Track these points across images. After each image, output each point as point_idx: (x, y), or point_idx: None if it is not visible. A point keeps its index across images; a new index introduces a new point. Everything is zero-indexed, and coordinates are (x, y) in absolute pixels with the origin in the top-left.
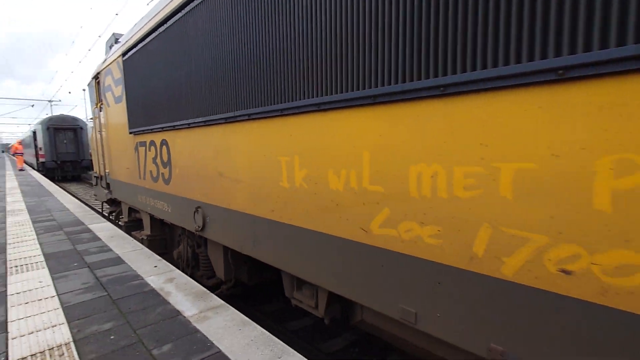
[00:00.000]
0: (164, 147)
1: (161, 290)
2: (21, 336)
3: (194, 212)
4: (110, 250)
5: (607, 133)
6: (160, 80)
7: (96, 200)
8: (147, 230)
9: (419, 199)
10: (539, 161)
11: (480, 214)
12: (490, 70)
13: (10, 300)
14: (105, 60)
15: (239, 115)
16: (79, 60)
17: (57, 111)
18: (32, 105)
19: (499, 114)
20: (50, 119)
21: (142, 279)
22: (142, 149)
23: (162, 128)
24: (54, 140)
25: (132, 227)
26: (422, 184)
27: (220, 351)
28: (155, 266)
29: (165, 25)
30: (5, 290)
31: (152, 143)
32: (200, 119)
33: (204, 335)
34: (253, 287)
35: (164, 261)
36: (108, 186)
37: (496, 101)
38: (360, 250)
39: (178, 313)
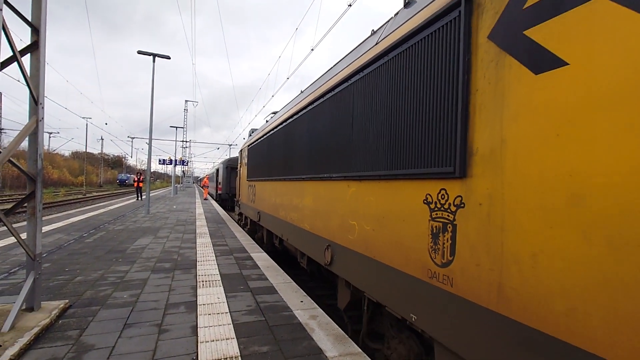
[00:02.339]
0: (255, 187)
1: (306, 326)
2: (206, 342)
3: (258, 213)
4: (267, 279)
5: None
6: (253, 160)
7: (235, 213)
8: (248, 226)
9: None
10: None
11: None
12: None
13: (199, 309)
14: (245, 143)
15: (265, 179)
16: (255, 115)
17: (234, 153)
18: (218, 148)
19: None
20: (229, 159)
21: (291, 311)
22: (250, 187)
23: (254, 179)
24: (229, 176)
25: (244, 225)
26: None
27: None
28: (302, 301)
29: (254, 144)
30: (196, 300)
31: (252, 185)
32: (258, 177)
33: None
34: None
35: (308, 297)
36: (239, 205)
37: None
38: (286, 224)
39: (320, 351)
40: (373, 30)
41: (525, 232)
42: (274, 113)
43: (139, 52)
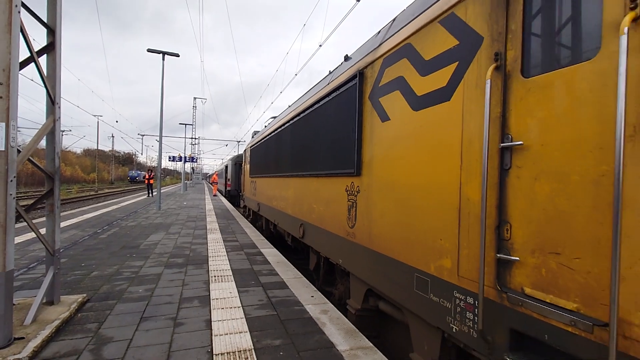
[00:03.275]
0: (256, 182)
1: (317, 320)
2: (220, 335)
3: (258, 204)
4: (277, 274)
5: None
6: (254, 159)
7: (240, 206)
8: (251, 216)
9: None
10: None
11: (292, 202)
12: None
13: (212, 303)
14: (247, 144)
15: (262, 176)
16: (263, 111)
17: (242, 150)
18: (226, 145)
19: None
20: (238, 156)
21: (302, 305)
22: (252, 183)
23: (255, 176)
24: (238, 173)
25: (247, 216)
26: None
27: None
28: (312, 296)
29: (254, 146)
30: (209, 295)
31: (253, 181)
32: (258, 174)
33: None
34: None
35: (319, 292)
36: (244, 199)
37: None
38: (277, 212)
39: (332, 345)
40: (330, 71)
41: (377, 204)
42: (273, 118)
43: (149, 50)
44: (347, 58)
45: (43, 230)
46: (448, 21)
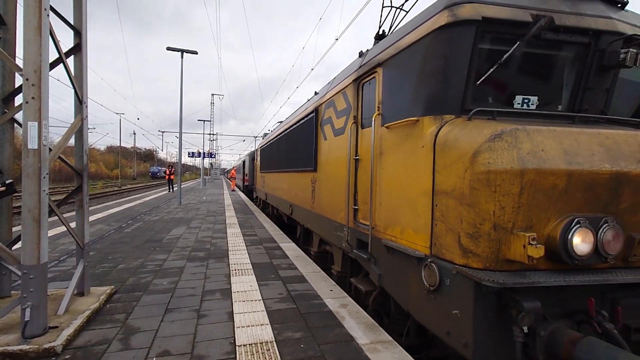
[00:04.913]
0: (265, 177)
1: (337, 314)
2: (242, 327)
3: (265, 194)
4: (296, 268)
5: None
6: (263, 158)
7: (254, 198)
8: (261, 205)
9: (285, 188)
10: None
11: (283, 192)
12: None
13: (233, 296)
14: (258, 145)
15: (268, 171)
16: (280, 106)
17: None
18: (244, 140)
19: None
20: (255, 151)
21: (321, 299)
22: (261, 177)
23: (264, 171)
24: (254, 169)
25: (259, 205)
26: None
27: None
28: (331, 290)
29: (263, 147)
30: (230, 288)
31: (263, 176)
32: (265, 170)
33: None
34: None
35: (338, 287)
36: (256, 191)
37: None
38: (278, 198)
39: (352, 338)
40: (308, 99)
41: (322, 188)
42: (279, 122)
43: (168, 49)
44: (316, 93)
45: (72, 225)
46: (343, 94)
